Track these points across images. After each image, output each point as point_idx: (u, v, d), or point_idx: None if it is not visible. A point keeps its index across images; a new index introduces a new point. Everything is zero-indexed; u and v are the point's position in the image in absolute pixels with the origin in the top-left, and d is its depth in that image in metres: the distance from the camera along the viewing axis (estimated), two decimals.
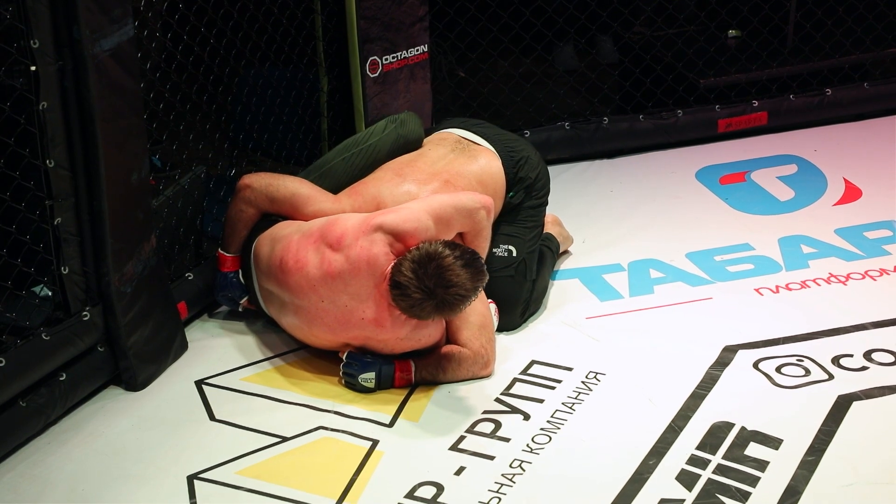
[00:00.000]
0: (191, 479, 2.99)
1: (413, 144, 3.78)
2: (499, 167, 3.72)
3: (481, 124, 3.94)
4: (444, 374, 3.37)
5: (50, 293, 3.24)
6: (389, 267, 3.19)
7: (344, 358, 3.34)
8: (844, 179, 4.72)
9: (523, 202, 3.75)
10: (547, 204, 3.86)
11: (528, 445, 3.10)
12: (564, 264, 4.13)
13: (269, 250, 3.47)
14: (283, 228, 3.50)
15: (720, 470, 2.98)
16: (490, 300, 3.55)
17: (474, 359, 3.38)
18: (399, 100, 4.36)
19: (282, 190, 3.56)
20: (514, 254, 3.68)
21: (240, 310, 3.72)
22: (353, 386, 3.34)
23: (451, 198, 3.40)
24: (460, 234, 3.44)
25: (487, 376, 3.40)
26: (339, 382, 3.37)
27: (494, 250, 3.66)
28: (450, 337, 3.41)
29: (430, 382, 3.36)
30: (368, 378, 3.31)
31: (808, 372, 3.37)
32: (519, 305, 3.67)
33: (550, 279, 3.95)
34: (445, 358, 3.37)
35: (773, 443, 3.07)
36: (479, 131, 3.85)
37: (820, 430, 3.12)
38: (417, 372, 3.35)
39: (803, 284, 3.89)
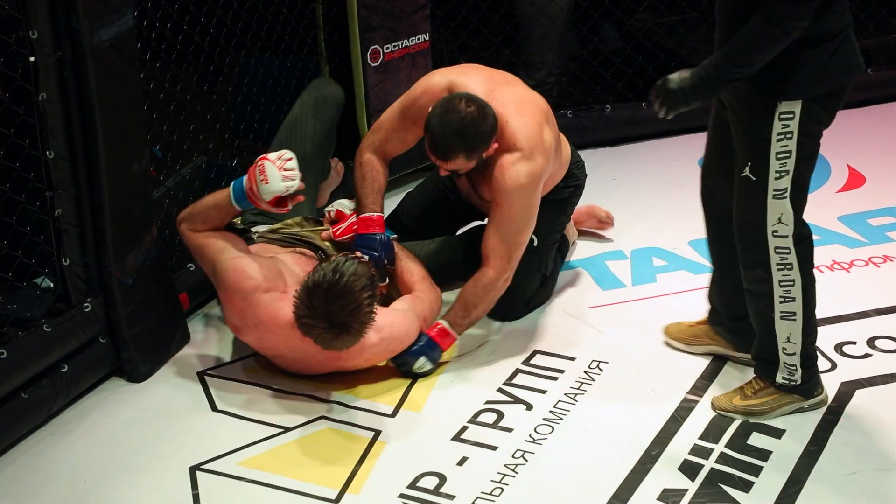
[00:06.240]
0: (193, 469, 2.99)
1: (335, 100, 3.87)
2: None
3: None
4: (478, 311, 3.42)
5: (51, 284, 3.23)
6: None
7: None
8: (848, 166, 4.71)
9: (555, 193, 3.72)
10: (579, 196, 3.80)
11: (530, 435, 3.10)
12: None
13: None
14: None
15: (723, 459, 2.98)
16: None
17: (500, 283, 3.40)
18: (400, 88, 4.33)
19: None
20: (535, 243, 3.63)
21: None
22: (410, 374, 3.37)
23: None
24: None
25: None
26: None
27: None
28: (487, 239, 3.39)
29: (473, 325, 3.44)
30: (421, 365, 3.35)
31: None
32: (525, 296, 3.66)
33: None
34: (470, 296, 3.39)
35: (776, 432, 3.07)
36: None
37: (823, 419, 3.12)
38: (455, 329, 3.39)
39: None
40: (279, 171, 3.19)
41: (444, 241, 3.80)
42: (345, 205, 3.64)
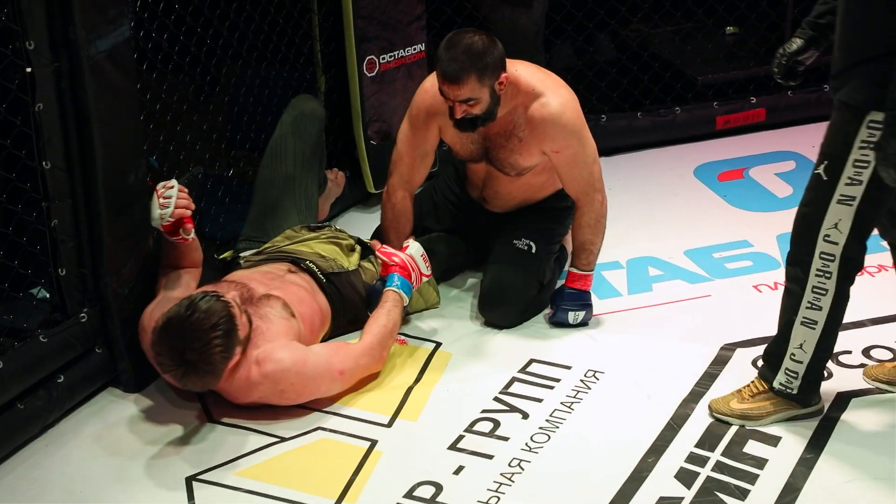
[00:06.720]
0: (189, 480, 2.99)
1: (314, 116, 3.91)
2: None
3: None
4: (598, 244, 3.62)
5: (47, 295, 3.23)
6: None
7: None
8: None
9: (558, 200, 3.75)
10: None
11: (527, 444, 3.10)
12: None
13: None
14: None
15: (719, 468, 2.98)
16: None
17: (601, 209, 3.58)
18: (396, 98, 4.35)
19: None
20: (534, 250, 3.66)
21: None
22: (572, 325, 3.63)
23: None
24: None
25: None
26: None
27: (515, 242, 3.66)
28: (568, 184, 3.57)
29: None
30: (575, 318, 3.61)
31: None
32: (521, 303, 3.66)
33: None
34: (584, 236, 3.57)
35: (772, 440, 3.07)
36: None
37: (819, 427, 3.12)
38: (582, 268, 3.60)
39: None
40: (157, 200, 3.26)
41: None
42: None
